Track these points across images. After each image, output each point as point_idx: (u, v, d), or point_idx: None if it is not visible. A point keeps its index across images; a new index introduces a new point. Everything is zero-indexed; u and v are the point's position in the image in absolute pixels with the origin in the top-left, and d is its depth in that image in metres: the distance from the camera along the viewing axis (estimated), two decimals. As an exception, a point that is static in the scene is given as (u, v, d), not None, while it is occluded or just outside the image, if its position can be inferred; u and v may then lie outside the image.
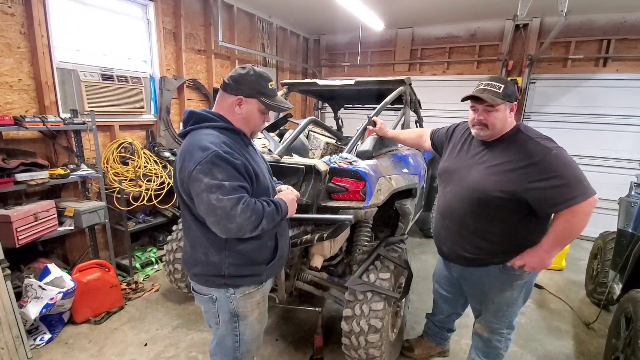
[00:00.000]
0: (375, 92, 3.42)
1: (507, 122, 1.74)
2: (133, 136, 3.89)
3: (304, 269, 2.54)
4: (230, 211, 1.26)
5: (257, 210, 1.32)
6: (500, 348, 2.02)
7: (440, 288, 2.33)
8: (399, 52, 6.32)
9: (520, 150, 1.65)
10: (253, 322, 1.60)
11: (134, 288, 3.31)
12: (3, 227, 2.48)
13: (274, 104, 1.47)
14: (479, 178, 1.74)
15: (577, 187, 1.54)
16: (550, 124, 5.29)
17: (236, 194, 1.28)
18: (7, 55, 2.87)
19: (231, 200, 1.26)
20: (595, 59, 4.98)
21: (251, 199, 1.33)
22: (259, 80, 1.42)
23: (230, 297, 1.50)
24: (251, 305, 1.56)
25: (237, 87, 1.41)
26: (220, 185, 1.26)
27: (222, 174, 1.27)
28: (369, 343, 2.05)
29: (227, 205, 1.25)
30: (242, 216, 1.27)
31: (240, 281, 1.50)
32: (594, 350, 2.69)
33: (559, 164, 1.56)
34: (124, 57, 3.82)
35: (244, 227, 1.30)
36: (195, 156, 1.29)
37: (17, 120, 2.64)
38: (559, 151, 1.59)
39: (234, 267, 1.46)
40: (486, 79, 1.74)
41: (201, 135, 1.36)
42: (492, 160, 1.74)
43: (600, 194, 5.20)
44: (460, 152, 1.93)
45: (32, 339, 2.52)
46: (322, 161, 2.10)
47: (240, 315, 1.54)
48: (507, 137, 1.74)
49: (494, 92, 1.67)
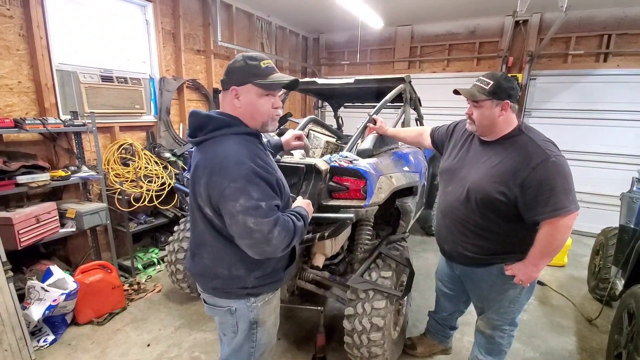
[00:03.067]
0: (375, 90, 3.41)
1: (502, 121, 1.71)
2: (133, 137, 3.89)
3: (306, 268, 2.53)
4: (268, 235, 1.20)
5: (289, 229, 1.26)
6: (503, 345, 2.02)
7: (443, 286, 2.33)
8: (398, 50, 6.31)
9: (520, 153, 1.65)
10: (270, 326, 1.57)
11: (136, 289, 3.32)
12: (5, 230, 2.48)
13: (269, 82, 1.29)
14: (479, 178, 1.74)
15: (564, 199, 1.55)
16: (551, 120, 5.28)
17: (273, 215, 1.22)
18: (6, 57, 2.87)
19: (269, 223, 1.20)
20: (596, 54, 4.96)
21: (284, 218, 1.27)
22: (247, 62, 1.28)
23: (252, 306, 1.45)
24: (269, 311, 1.53)
25: (229, 79, 1.30)
26: (258, 206, 1.18)
27: (257, 193, 1.20)
28: (371, 341, 2.05)
29: (265, 229, 1.19)
30: (278, 238, 1.22)
31: (262, 290, 1.45)
32: (597, 346, 2.69)
33: (555, 172, 1.56)
34: (123, 58, 3.82)
35: (278, 248, 1.25)
36: (228, 172, 1.19)
37: (18, 122, 2.65)
38: (557, 159, 1.58)
39: (258, 279, 1.41)
40: (482, 75, 1.74)
41: (228, 144, 1.25)
42: (492, 160, 1.73)
43: (601, 189, 5.21)
44: (460, 151, 1.93)
45: (36, 341, 2.53)
46: (323, 160, 2.09)
47: (259, 322, 1.50)
48: (509, 138, 1.73)
49: (480, 88, 1.68)
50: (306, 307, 2.95)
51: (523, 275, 1.74)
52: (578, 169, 5.11)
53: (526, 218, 1.65)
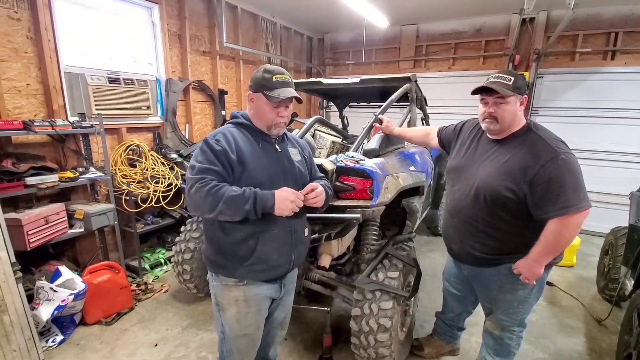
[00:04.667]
0: (381, 90, 3.41)
1: (517, 117, 1.72)
2: (140, 138, 3.91)
3: (312, 268, 2.54)
4: (190, 189, 1.40)
5: (215, 193, 1.37)
6: (512, 346, 2.01)
7: (450, 286, 2.31)
8: (403, 49, 6.28)
9: (529, 150, 1.64)
10: (230, 318, 1.62)
11: (143, 289, 3.34)
12: (14, 231, 2.50)
13: (271, 95, 1.48)
14: (488, 176, 1.73)
15: (574, 197, 1.53)
16: (558, 118, 5.23)
17: (199, 174, 1.40)
18: (14, 60, 2.91)
19: (192, 180, 1.40)
20: (603, 52, 4.91)
21: (214, 182, 1.40)
22: (263, 75, 1.50)
23: (213, 282, 1.63)
24: (228, 299, 1.60)
25: (250, 85, 1.55)
26: (193, 165, 1.44)
27: (201, 157, 1.44)
28: (378, 342, 2.04)
29: (189, 183, 1.41)
30: (198, 195, 1.38)
31: (217, 269, 1.59)
32: (606, 347, 2.66)
33: (565, 169, 1.55)
34: (130, 60, 3.84)
35: (200, 206, 1.40)
36: None
37: (26, 124, 2.68)
38: (567, 156, 1.57)
39: (213, 252, 1.58)
40: (495, 72, 1.72)
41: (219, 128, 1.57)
42: (501, 158, 1.72)
43: (610, 189, 5.15)
44: (468, 150, 1.91)
45: (44, 341, 2.55)
46: (329, 160, 2.09)
47: (220, 305, 1.64)
48: (518, 135, 1.72)
49: (504, 84, 1.66)
50: (313, 308, 2.95)
51: (527, 272, 1.71)
52: (586, 167, 4.97)
53: (535, 216, 1.64)
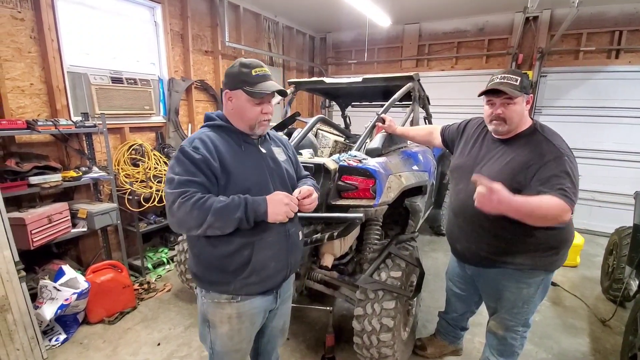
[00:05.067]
0: (383, 89, 3.40)
1: (524, 117, 1.72)
2: (143, 138, 3.92)
3: (314, 268, 2.53)
4: (172, 205, 1.26)
5: (201, 205, 1.25)
6: (516, 346, 1.99)
7: (454, 286, 2.30)
8: (406, 48, 6.27)
9: (534, 150, 1.63)
10: (222, 335, 1.49)
11: (146, 288, 3.34)
12: (18, 230, 2.51)
13: (253, 90, 1.35)
14: (491, 176, 1.70)
15: (571, 189, 1.53)
16: (562, 117, 5.20)
17: (180, 188, 1.26)
18: (18, 60, 2.92)
19: (173, 194, 1.26)
20: (608, 50, 4.87)
21: (197, 194, 1.27)
22: (241, 69, 1.37)
23: (202, 299, 1.48)
24: (220, 317, 1.46)
25: (225, 83, 1.41)
26: (172, 179, 1.29)
27: (179, 168, 1.30)
28: (381, 342, 2.04)
29: (169, 199, 1.27)
30: (182, 210, 1.24)
31: (208, 286, 1.45)
32: (610, 347, 2.64)
33: (567, 168, 1.56)
34: (133, 59, 3.85)
35: (185, 222, 1.27)
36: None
37: (30, 124, 2.68)
38: (570, 159, 1.59)
39: (202, 269, 1.43)
40: (500, 73, 1.70)
41: (195, 133, 1.42)
42: (505, 157, 1.71)
43: (615, 188, 5.12)
44: (473, 149, 1.90)
45: (48, 340, 2.56)
46: (331, 159, 2.08)
47: (210, 322, 1.49)
48: (523, 136, 1.71)
49: (512, 85, 1.64)
50: (315, 307, 2.94)
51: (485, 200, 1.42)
52: (590, 167, 5.03)
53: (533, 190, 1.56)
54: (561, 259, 1.81)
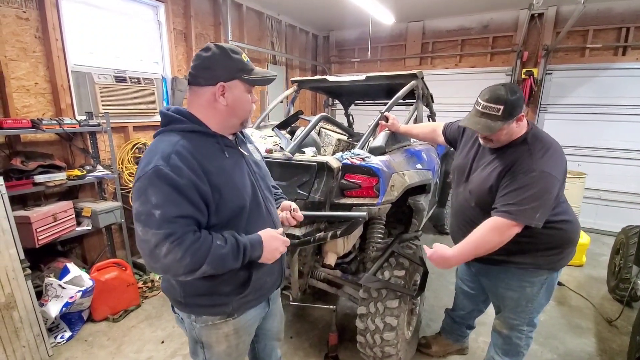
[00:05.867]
0: (387, 87, 3.38)
1: (515, 132, 1.66)
2: (146, 137, 3.93)
3: (317, 266, 2.53)
4: (154, 249, 1.01)
5: (195, 252, 1.04)
6: (521, 346, 1.98)
7: (463, 284, 2.31)
8: (409, 46, 6.23)
9: (512, 161, 1.63)
10: (220, 354, 1.35)
11: (150, 286, 3.36)
12: (23, 228, 2.53)
13: (259, 77, 1.21)
14: (477, 186, 1.75)
15: (521, 207, 1.54)
16: (567, 115, 5.15)
17: (166, 228, 1.00)
18: (23, 59, 2.93)
19: (157, 235, 1.00)
20: (614, 47, 4.81)
21: (190, 236, 1.04)
22: (231, 56, 1.15)
23: (192, 323, 1.29)
24: (217, 337, 1.30)
25: (212, 74, 1.14)
26: (150, 213, 1.01)
27: (157, 197, 1.01)
28: (385, 341, 2.03)
29: (151, 240, 1.01)
30: (170, 257, 1.01)
31: (200, 310, 1.27)
32: (617, 348, 2.61)
33: (533, 181, 1.54)
34: (136, 58, 3.86)
35: (172, 270, 1.05)
36: (138, 170, 1.07)
37: (35, 123, 2.70)
38: (544, 175, 1.55)
39: (191, 296, 1.24)
40: (485, 98, 1.59)
41: (160, 142, 1.12)
42: (491, 166, 1.71)
43: (621, 187, 5.06)
44: (469, 152, 1.91)
45: (53, 337, 2.58)
46: (334, 158, 2.07)
47: (204, 344, 1.33)
48: (513, 146, 1.68)
49: (493, 117, 1.57)
50: (318, 306, 2.94)
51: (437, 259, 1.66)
52: (596, 165, 4.98)
53: None
54: (565, 259, 1.80)
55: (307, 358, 2.47)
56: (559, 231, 1.73)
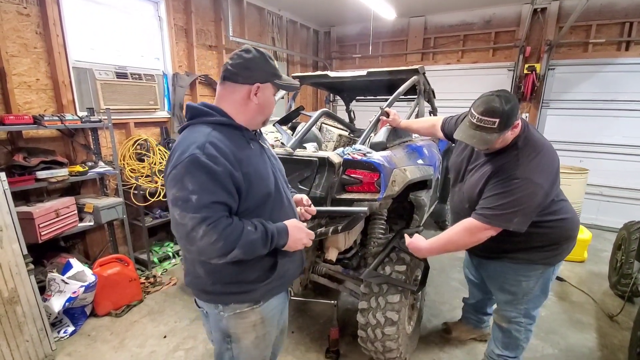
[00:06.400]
0: (388, 82, 3.36)
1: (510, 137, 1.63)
2: (148, 133, 3.93)
3: (319, 261, 2.53)
4: (191, 232, 1.08)
5: (228, 236, 1.11)
6: (520, 339, 1.99)
7: (469, 273, 2.43)
8: (411, 42, 6.20)
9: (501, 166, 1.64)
10: (248, 346, 1.38)
11: (152, 282, 3.38)
12: (26, 224, 2.54)
13: (288, 84, 1.33)
14: (468, 190, 1.79)
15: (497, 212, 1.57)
16: (569, 111, 5.13)
17: (203, 212, 1.08)
18: (24, 55, 2.93)
19: (194, 219, 1.07)
20: (617, 42, 4.77)
21: (224, 221, 1.12)
22: (268, 61, 1.26)
23: (219, 314, 1.33)
24: (244, 327, 1.35)
25: (251, 75, 1.23)
26: (187, 198, 1.08)
27: (193, 184, 1.08)
28: (386, 335, 2.04)
29: (188, 224, 1.08)
30: (205, 240, 1.08)
31: (227, 299, 1.31)
32: (618, 343, 2.62)
33: (514, 188, 1.56)
34: (137, 54, 3.86)
35: (206, 252, 1.12)
36: (174, 158, 1.14)
37: (37, 119, 2.70)
38: (526, 182, 1.55)
39: (220, 284, 1.28)
40: (479, 111, 1.54)
41: (192, 132, 1.19)
42: (483, 169, 1.72)
43: (624, 183, 5.05)
44: (464, 151, 1.92)
45: (56, 332, 2.60)
46: (336, 153, 2.07)
47: (232, 337, 1.36)
48: (504, 150, 1.67)
49: (488, 130, 1.53)
50: (319, 301, 2.95)
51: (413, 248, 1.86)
52: (598, 161, 4.96)
53: None
54: (562, 254, 1.82)
55: (308, 352, 2.48)
56: (555, 229, 1.75)
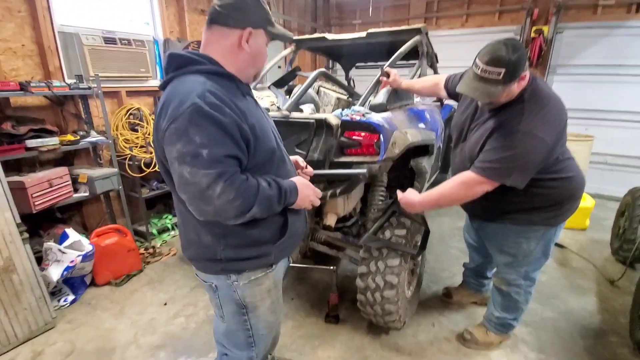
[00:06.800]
0: (389, 45, 3.21)
1: (516, 90, 1.52)
2: (140, 102, 3.80)
3: (318, 228, 2.49)
4: (207, 190, 0.97)
5: (245, 192, 1.02)
6: (520, 301, 1.98)
7: (469, 237, 2.41)
8: (413, 6, 5.94)
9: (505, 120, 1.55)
10: (265, 312, 1.34)
11: (152, 252, 3.37)
12: (19, 194, 2.49)
13: (281, 33, 1.19)
14: (470, 148, 1.70)
15: (494, 165, 1.51)
16: (577, 77, 4.95)
17: (217, 167, 0.97)
18: (8, 19, 2.80)
19: (209, 176, 0.96)
20: (628, 4, 4.53)
21: (239, 175, 1.03)
22: (262, 4, 1.12)
23: (232, 285, 1.24)
24: (260, 294, 1.29)
25: (243, 17, 1.08)
26: (197, 153, 0.96)
27: (201, 137, 0.96)
28: (385, 299, 2.02)
29: (202, 181, 0.96)
30: (223, 198, 0.98)
31: (241, 265, 1.21)
32: (619, 307, 2.61)
33: (514, 143, 1.47)
34: (125, 19, 3.68)
35: (224, 212, 1.02)
36: (170, 110, 0.99)
37: (23, 86, 2.60)
38: (528, 137, 1.46)
39: (232, 249, 1.18)
40: (484, 60, 1.42)
41: (184, 83, 1.04)
42: (486, 126, 1.63)
43: (629, 150, 4.93)
44: (468, 108, 1.82)
45: (57, 300, 2.61)
46: (334, 115, 1.98)
47: (248, 307, 1.29)
48: (510, 105, 1.57)
49: (493, 81, 1.42)
50: (319, 267, 2.93)
51: (405, 203, 1.79)
52: (605, 129, 4.84)
53: None
54: (564, 215, 1.76)
55: (308, 317, 2.49)
56: (558, 189, 1.68)
